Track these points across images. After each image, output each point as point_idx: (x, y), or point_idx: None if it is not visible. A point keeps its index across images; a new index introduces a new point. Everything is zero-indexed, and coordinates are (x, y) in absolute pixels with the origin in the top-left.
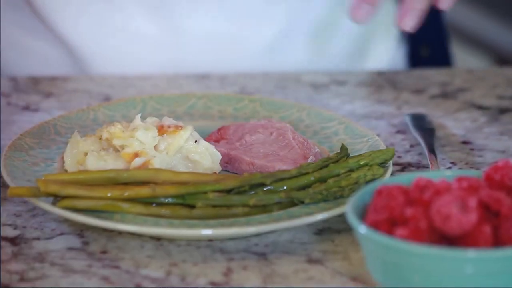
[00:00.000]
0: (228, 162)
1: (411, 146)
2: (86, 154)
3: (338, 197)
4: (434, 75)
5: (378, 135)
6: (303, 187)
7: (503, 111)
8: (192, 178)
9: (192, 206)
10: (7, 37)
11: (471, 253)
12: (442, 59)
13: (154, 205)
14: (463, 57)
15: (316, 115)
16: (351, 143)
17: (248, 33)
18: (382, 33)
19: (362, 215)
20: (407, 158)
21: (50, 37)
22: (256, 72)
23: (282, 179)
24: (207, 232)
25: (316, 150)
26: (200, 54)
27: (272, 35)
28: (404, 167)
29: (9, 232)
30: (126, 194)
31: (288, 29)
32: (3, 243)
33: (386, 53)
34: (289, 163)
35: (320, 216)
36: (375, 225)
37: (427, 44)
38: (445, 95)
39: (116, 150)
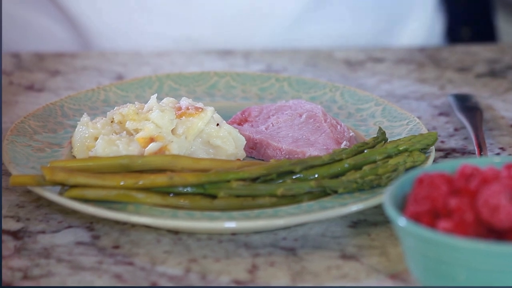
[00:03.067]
0: (253, 148)
1: (456, 129)
2: (96, 138)
3: (374, 186)
4: (481, 52)
5: (419, 117)
6: (336, 175)
7: None
8: (213, 165)
9: (214, 196)
10: (9, 11)
11: None
12: (486, 34)
13: (171, 195)
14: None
15: (351, 96)
16: (389, 127)
17: (274, 4)
18: (417, 6)
19: (401, 206)
20: (451, 143)
21: (54, 10)
22: (284, 48)
23: (313, 166)
24: (230, 224)
25: (351, 134)
26: (221, 28)
27: (300, 6)
28: (447, 153)
29: (11, 225)
30: (140, 183)
31: (318, 0)
32: (5, 237)
33: (422, 27)
34: (320, 148)
35: (354, 207)
36: (416, 217)
37: (469, 24)
38: (493, 74)
39: (130, 134)
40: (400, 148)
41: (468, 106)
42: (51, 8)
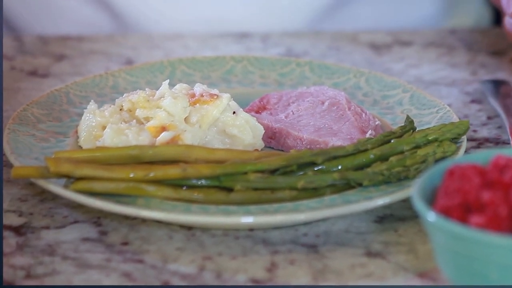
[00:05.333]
0: (272, 137)
1: (489, 118)
2: (104, 127)
3: (402, 178)
4: None
5: (449, 105)
6: (361, 167)
7: None
8: (229, 156)
9: (230, 189)
10: None
11: None
12: None
13: (184, 188)
14: None
15: (376, 82)
16: (417, 115)
17: None
18: None
19: (431, 200)
20: (484, 133)
21: None
22: (305, 30)
23: (336, 157)
24: (247, 220)
25: (376, 123)
26: (239, 10)
27: None
28: (480, 143)
29: (13, 220)
30: (151, 175)
31: None
32: (6, 233)
33: (474, 11)
34: (344, 138)
35: (380, 201)
36: (446, 212)
37: None
38: None
39: (140, 122)
40: (430, 138)
41: (502, 93)
42: None
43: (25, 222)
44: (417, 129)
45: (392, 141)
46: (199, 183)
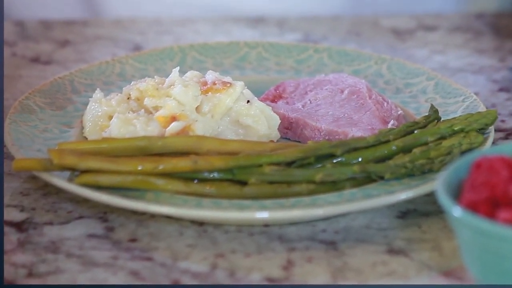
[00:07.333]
0: (288, 128)
1: None
2: (110, 117)
3: (426, 171)
4: None
5: (476, 93)
6: (383, 159)
7: None
8: (243, 148)
9: (244, 183)
10: None
11: None
12: None
13: (196, 181)
14: None
15: (399, 69)
16: (442, 104)
17: None
18: None
19: (456, 194)
20: None
21: None
22: (323, 15)
23: (356, 149)
24: (262, 215)
25: (399, 113)
26: None
27: None
28: (508, 134)
29: (14, 215)
30: (160, 167)
31: None
32: (7, 229)
33: None
34: (364, 128)
35: (403, 196)
36: (473, 207)
37: None
38: None
39: (149, 112)
40: (455, 128)
41: None
42: None
43: (27, 217)
44: (442, 119)
45: (415, 131)
46: (211, 176)
